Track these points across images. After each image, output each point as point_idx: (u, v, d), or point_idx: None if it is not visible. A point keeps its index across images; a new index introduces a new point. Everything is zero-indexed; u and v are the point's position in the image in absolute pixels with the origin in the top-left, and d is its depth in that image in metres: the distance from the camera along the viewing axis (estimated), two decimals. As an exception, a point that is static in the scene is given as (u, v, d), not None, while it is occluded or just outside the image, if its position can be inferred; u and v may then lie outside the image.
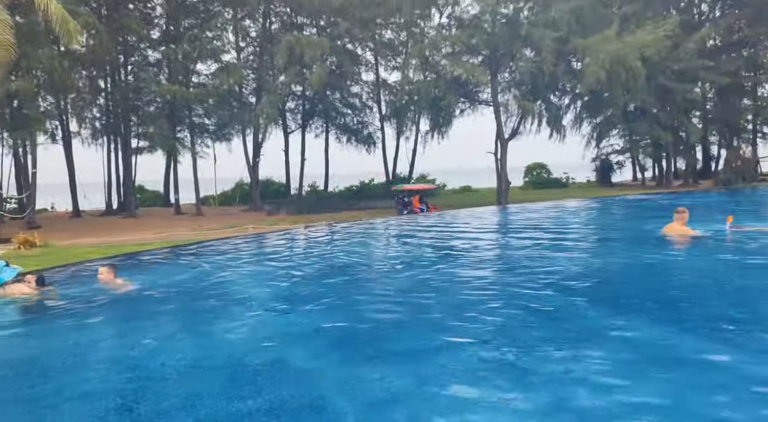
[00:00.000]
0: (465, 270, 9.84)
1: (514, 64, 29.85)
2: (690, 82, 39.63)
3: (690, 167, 45.44)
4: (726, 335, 5.42)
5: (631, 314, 6.40)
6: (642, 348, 5.14)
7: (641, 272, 8.96)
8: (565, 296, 7.36)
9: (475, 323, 6.09)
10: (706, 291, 7.67)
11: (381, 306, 7.27)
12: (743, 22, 42.15)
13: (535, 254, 11.38)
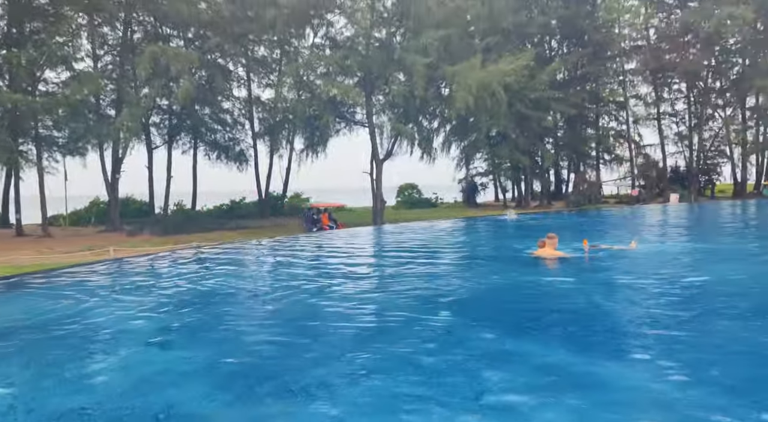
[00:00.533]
0: (352, 294, 9.57)
1: (387, 86, 30.54)
2: (544, 111, 43.34)
3: (545, 189, 49.41)
4: (599, 346, 5.67)
5: (522, 334, 6.51)
6: (530, 365, 5.19)
7: (522, 291, 9.28)
8: (456, 317, 7.37)
9: (372, 352, 5.82)
10: (577, 308, 8.06)
11: (270, 336, 6.75)
12: (585, 59, 47.01)
13: (419, 274, 11.42)
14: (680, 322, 6.72)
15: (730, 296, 8.10)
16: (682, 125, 50.84)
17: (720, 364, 5.05)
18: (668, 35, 47.80)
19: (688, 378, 4.71)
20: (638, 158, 50.30)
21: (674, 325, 6.58)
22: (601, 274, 10.56)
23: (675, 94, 51.19)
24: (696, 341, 5.92)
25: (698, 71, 47.26)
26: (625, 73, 49.67)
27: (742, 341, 5.84)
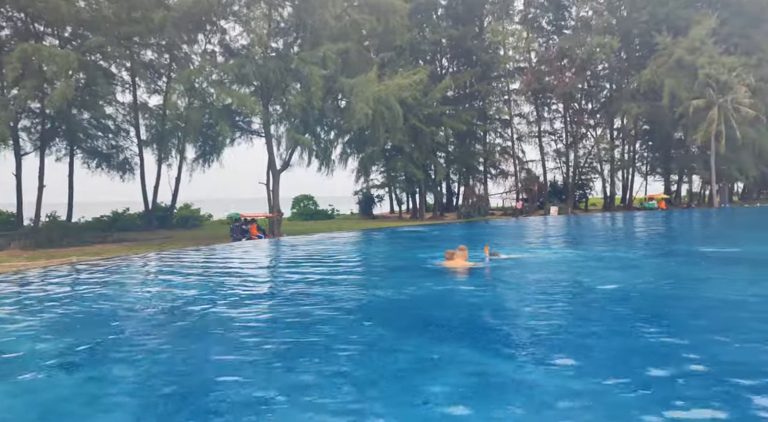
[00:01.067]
0: (267, 308, 9.21)
1: (285, 96, 30.14)
2: (437, 126, 44.96)
3: (437, 201, 51.07)
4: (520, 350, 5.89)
5: (444, 341, 6.59)
6: (454, 370, 5.26)
7: (442, 300, 9.43)
8: (381, 327, 7.32)
9: (301, 367, 5.61)
10: (494, 314, 8.34)
11: (181, 354, 6.30)
12: (474, 78, 49.37)
13: (324, 287, 11.25)
14: (578, 321, 7.16)
15: (613, 298, 8.77)
16: (560, 142, 54.94)
17: (614, 358, 5.42)
18: (547, 59, 51.56)
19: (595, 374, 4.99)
20: (522, 173, 53.52)
21: (571, 325, 6.99)
22: (507, 281, 10.98)
23: (553, 113, 55.31)
24: (601, 340, 6.31)
25: (573, 93, 51.39)
26: (510, 93, 52.81)
27: (631, 337, 6.32)
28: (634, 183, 56.75)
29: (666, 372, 5.03)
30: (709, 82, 44.01)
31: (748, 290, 9.13)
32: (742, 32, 47.99)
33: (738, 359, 5.38)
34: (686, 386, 4.64)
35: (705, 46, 44.01)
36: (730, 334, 6.37)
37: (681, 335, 6.54)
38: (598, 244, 20.23)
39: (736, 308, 7.84)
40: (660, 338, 6.34)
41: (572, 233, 26.19)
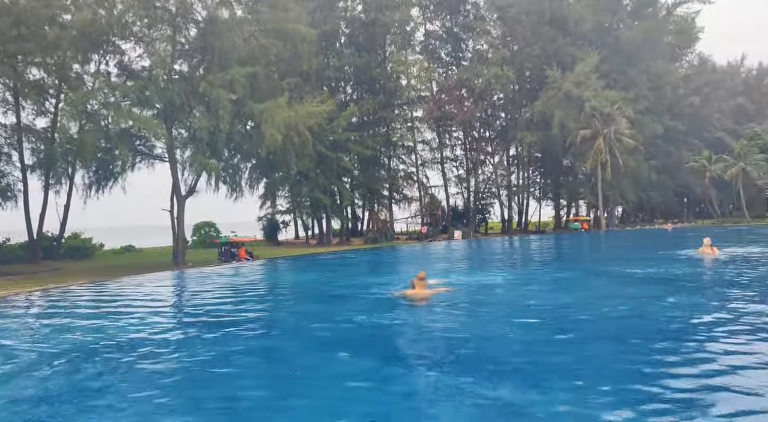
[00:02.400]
0: (232, 341, 8.60)
1: (190, 120, 28.99)
2: (342, 152, 45.18)
3: (343, 227, 51.07)
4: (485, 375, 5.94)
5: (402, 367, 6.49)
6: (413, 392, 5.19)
7: (406, 331, 9.29)
8: (360, 358, 7.08)
9: (275, 396, 5.26)
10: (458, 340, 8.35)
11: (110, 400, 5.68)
12: (377, 105, 50.17)
13: (277, 317, 10.78)
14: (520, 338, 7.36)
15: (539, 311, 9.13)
16: (461, 168, 57.13)
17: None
18: (447, 88, 53.74)
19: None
20: (426, 198, 54.95)
21: (519, 341, 7.17)
22: (463, 306, 10.90)
23: (454, 140, 57.52)
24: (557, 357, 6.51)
25: (472, 122, 53.82)
26: (413, 120, 54.30)
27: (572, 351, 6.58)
28: (529, 207, 60.15)
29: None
30: (594, 114, 47.91)
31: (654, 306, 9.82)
32: (620, 69, 52.86)
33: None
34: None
35: (589, 80, 47.95)
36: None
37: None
38: (530, 266, 20.99)
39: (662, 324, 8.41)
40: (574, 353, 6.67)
41: (494, 257, 27.01)
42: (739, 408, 4.86)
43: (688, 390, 5.47)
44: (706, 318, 8.90)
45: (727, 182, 58.11)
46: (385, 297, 12.64)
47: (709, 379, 5.77)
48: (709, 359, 6.53)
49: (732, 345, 7.04)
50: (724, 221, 58.02)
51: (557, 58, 50.44)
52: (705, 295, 11.54)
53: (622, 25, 57.30)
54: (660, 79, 57.05)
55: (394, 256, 30.41)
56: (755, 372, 5.90)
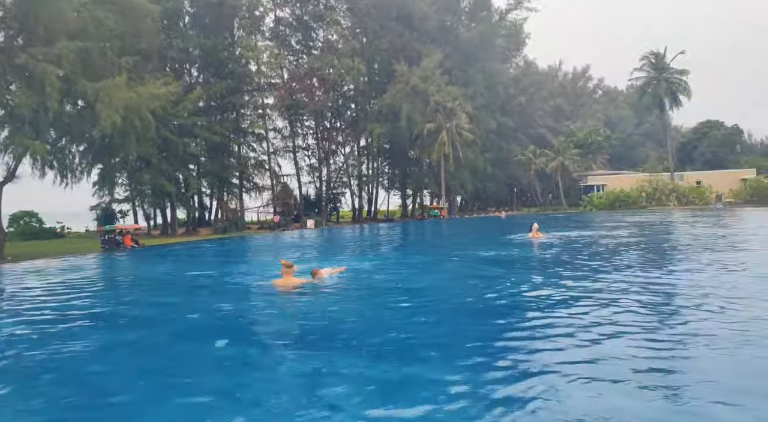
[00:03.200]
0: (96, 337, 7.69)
1: (10, 96, 25.53)
2: (188, 137, 42.77)
3: (190, 216, 48.54)
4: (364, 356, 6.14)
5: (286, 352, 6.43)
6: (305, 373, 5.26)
7: (285, 316, 9.05)
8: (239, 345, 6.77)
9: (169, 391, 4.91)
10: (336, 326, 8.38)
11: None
12: (226, 89, 48.13)
13: (148, 313, 9.93)
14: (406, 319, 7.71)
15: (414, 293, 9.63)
16: (314, 157, 57.19)
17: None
18: (298, 76, 53.35)
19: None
20: (278, 187, 54.19)
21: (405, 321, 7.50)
22: (340, 293, 10.85)
23: (306, 129, 57.34)
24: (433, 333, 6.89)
25: (324, 111, 54.11)
26: (264, 107, 53.08)
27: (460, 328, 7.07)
28: (378, 197, 62.13)
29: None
30: (438, 108, 50.70)
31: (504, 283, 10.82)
32: (461, 67, 56.53)
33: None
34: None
35: (434, 76, 50.62)
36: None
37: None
38: (389, 251, 21.55)
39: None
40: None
41: (352, 244, 27.32)
42: (574, 359, 5.60)
43: (534, 351, 6.17)
44: (543, 291, 10.01)
45: (548, 174, 64.99)
46: (249, 286, 12.38)
47: (549, 341, 6.55)
48: (547, 325, 7.40)
49: (566, 314, 8.03)
50: (545, 209, 64.93)
51: (404, 53, 52.49)
52: (541, 273, 12.93)
53: (461, 26, 61.21)
54: (494, 78, 62.02)
55: (248, 246, 29.69)
56: (585, 332, 6.81)
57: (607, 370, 5.33)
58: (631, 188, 59.43)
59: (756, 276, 10.82)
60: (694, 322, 7.19)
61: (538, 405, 4.53)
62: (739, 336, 6.36)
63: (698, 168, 67.24)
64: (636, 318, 7.57)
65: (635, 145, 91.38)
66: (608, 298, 8.98)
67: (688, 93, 60.48)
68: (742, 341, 6.17)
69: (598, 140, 67.19)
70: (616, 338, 6.54)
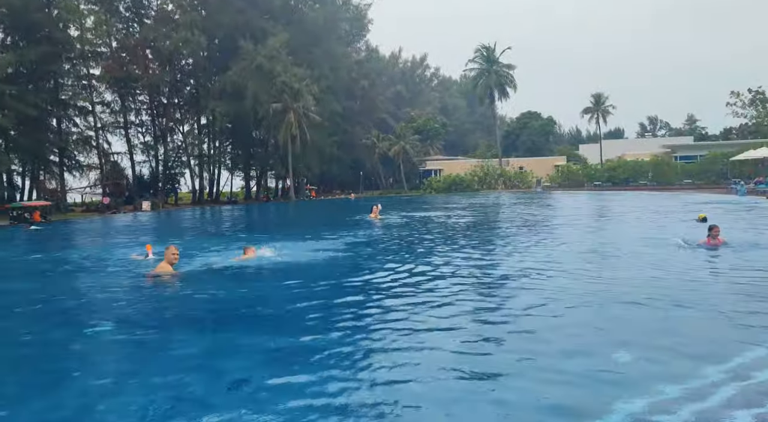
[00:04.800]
0: None
1: None
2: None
3: (-1, 198, 42.45)
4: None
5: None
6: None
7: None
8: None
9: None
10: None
11: None
12: (43, 56, 42.14)
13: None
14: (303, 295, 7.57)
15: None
16: (149, 135, 53.07)
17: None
18: (129, 47, 48.96)
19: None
20: (107, 166, 49.52)
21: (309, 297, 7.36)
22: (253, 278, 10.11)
23: (139, 105, 52.91)
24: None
25: (159, 86, 50.37)
26: (90, 78, 47.90)
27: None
28: (221, 178, 59.68)
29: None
30: (285, 89, 49.84)
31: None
32: (306, 49, 55.99)
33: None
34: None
35: (280, 55, 49.57)
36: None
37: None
38: (209, 238, 20.66)
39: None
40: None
41: (191, 226, 25.90)
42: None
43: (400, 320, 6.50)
44: (388, 266, 10.47)
45: (391, 158, 67.44)
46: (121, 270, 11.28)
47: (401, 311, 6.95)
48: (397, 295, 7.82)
49: (410, 286, 8.54)
50: (388, 192, 67.45)
51: (249, 30, 50.63)
52: (385, 249, 13.53)
53: (305, 6, 60.45)
54: (338, 61, 62.38)
55: (80, 230, 26.83)
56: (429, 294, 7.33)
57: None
58: (465, 172, 64.00)
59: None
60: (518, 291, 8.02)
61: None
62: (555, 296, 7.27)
63: (521, 155, 74.34)
64: (467, 286, 8.33)
65: (467, 132, 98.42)
66: (447, 273, 9.68)
67: (514, 85, 66.46)
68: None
69: (435, 126, 71.10)
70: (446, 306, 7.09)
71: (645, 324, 6.08)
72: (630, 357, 4.83)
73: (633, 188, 52.04)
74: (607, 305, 6.99)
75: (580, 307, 6.85)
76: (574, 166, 63.76)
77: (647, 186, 52.37)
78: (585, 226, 19.11)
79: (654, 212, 22.57)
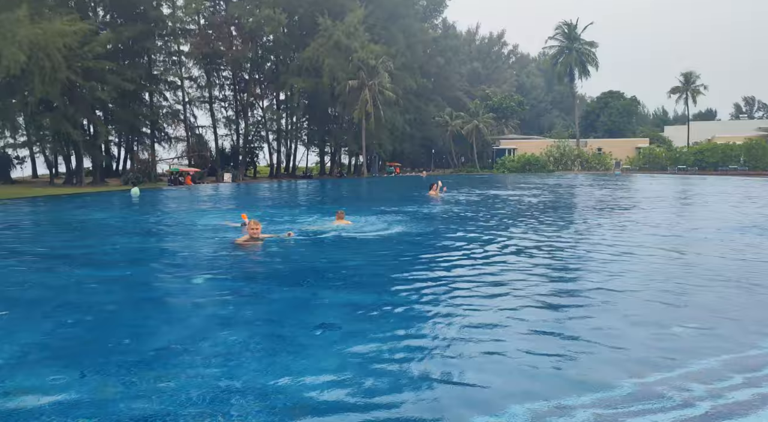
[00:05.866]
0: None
1: None
2: (97, 82, 39.96)
3: (98, 166, 45.81)
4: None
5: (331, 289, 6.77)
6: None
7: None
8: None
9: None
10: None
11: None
12: (138, 33, 45.04)
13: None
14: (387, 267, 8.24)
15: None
16: (231, 110, 55.45)
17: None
18: (216, 24, 51.01)
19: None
20: (192, 139, 52.29)
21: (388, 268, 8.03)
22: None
23: (223, 80, 55.23)
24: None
25: (242, 62, 52.28)
26: (180, 55, 50.48)
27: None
28: (297, 152, 61.54)
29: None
30: (361, 66, 50.49)
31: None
32: (384, 25, 56.24)
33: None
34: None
35: (358, 32, 50.12)
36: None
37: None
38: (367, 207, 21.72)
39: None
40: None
41: (284, 198, 27.14)
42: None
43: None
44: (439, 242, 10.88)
45: (463, 137, 66.98)
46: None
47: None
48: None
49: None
50: (460, 170, 67.21)
51: (327, 7, 51.39)
52: (456, 223, 13.89)
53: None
54: (414, 38, 62.20)
55: (176, 198, 28.78)
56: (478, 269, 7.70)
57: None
58: (540, 152, 62.69)
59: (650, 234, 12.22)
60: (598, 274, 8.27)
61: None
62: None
63: (600, 136, 71.80)
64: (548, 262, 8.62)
65: (543, 112, 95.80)
66: (529, 248, 10.00)
67: (596, 64, 63.99)
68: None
69: (512, 105, 69.78)
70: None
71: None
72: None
73: (721, 172, 49.34)
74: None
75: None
76: (657, 148, 61.00)
77: (737, 171, 49.47)
78: (673, 209, 18.56)
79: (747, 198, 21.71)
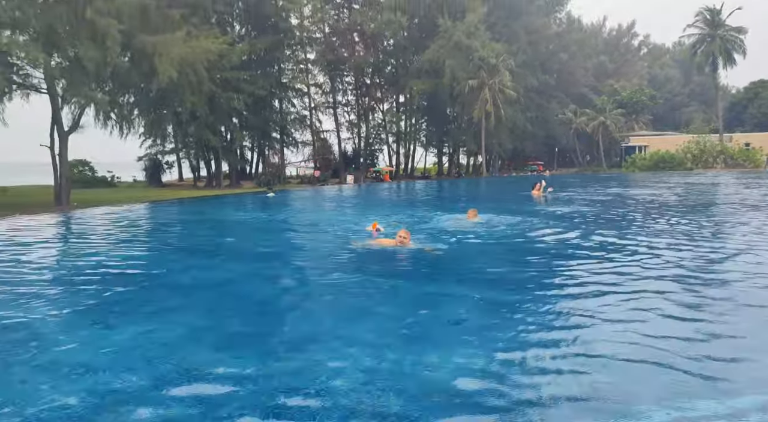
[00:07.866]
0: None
1: (75, 49, 26.39)
2: (233, 91, 43.35)
3: (233, 169, 49.63)
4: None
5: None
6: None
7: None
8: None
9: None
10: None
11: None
12: (269, 44, 48.15)
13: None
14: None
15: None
16: (353, 114, 57.45)
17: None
18: (339, 31, 53.11)
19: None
20: (318, 143, 54.88)
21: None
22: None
23: (346, 85, 57.39)
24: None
25: (363, 67, 53.98)
26: (306, 62, 53.22)
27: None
28: (416, 154, 62.33)
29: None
30: (481, 65, 50.12)
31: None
32: (505, 23, 55.38)
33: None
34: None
35: (478, 31, 49.80)
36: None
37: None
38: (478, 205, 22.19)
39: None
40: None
41: (410, 199, 27.93)
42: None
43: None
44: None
45: (588, 134, 64.08)
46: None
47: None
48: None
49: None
50: (585, 170, 64.36)
51: (447, 7, 51.58)
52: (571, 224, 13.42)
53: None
54: (536, 34, 60.59)
55: (306, 198, 30.52)
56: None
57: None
58: (675, 149, 58.24)
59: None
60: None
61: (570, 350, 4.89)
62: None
63: (748, 130, 65.32)
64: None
65: (679, 105, 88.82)
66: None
67: (744, 51, 58.28)
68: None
69: (643, 99, 65.63)
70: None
71: None
72: None
73: None
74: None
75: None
76: (819, 143, 54.33)
77: None
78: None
79: None
